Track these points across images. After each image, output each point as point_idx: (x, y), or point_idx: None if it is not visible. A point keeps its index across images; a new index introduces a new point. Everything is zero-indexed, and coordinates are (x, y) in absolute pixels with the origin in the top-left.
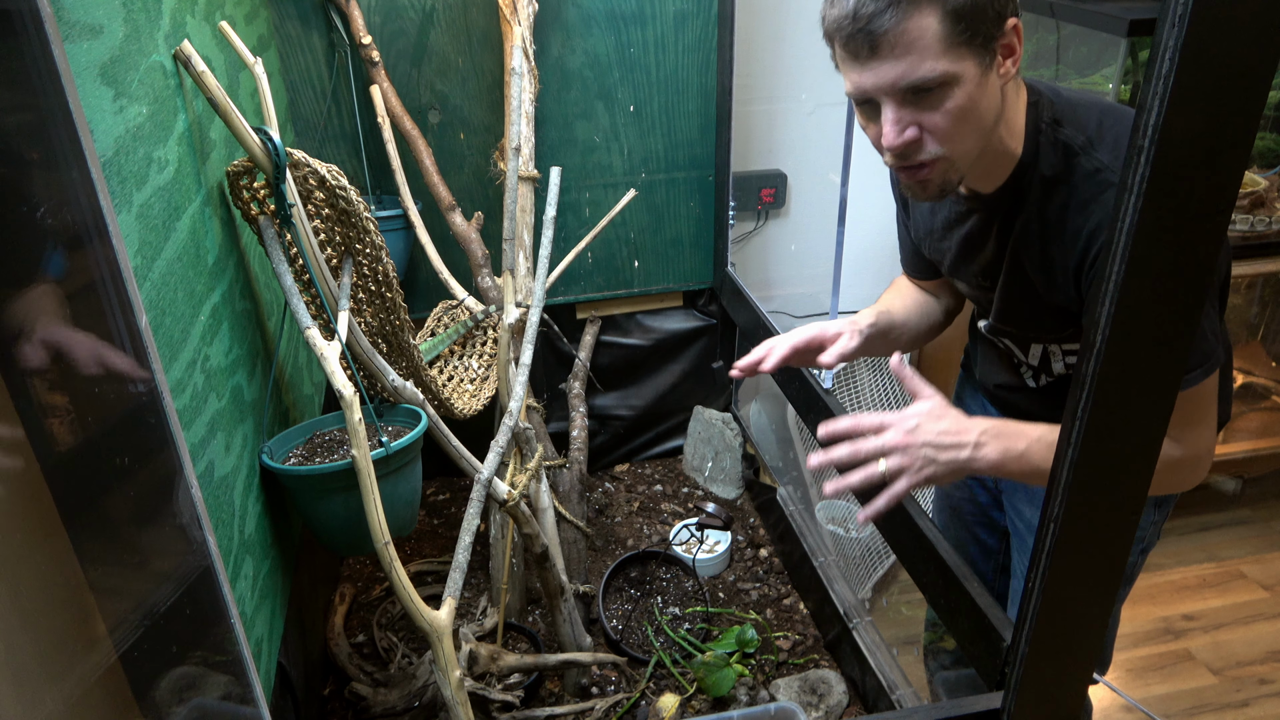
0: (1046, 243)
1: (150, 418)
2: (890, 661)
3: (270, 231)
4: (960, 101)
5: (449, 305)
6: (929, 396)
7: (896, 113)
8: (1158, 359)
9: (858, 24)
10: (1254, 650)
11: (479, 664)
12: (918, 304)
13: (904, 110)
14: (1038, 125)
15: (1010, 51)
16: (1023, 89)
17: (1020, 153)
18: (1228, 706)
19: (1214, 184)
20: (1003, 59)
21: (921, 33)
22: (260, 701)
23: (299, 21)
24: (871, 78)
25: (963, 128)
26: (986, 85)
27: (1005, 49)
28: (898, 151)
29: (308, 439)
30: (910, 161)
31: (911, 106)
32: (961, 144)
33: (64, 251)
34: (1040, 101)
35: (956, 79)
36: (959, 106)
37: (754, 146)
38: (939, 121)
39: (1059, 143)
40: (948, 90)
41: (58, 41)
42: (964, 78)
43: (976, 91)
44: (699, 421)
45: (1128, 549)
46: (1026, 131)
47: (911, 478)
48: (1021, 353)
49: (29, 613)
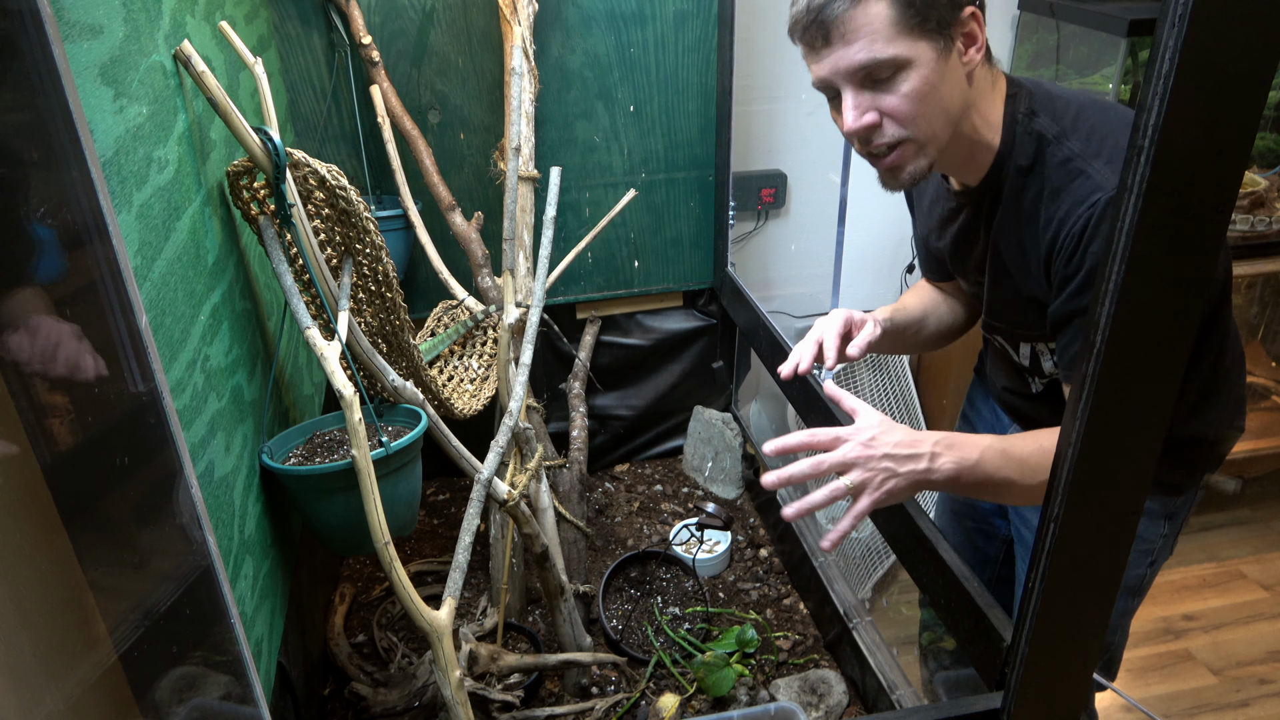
0: (1020, 234)
1: (150, 418)
2: (890, 661)
3: (270, 231)
4: (916, 84)
5: (449, 305)
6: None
7: (855, 98)
8: (1158, 359)
9: (811, 15)
10: (1254, 650)
11: (479, 664)
12: (935, 304)
13: (862, 95)
14: (1014, 116)
15: (972, 39)
16: (1000, 81)
17: (998, 144)
18: (1228, 706)
19: (1214, 184)
20: (964, 47)
21: (871, 18)
22: (260, 701)
23: (299, 21)
24: (828, 65)
25: (923, 110)
26: (946, 70)
27: (966, 37)
28: (859, 136)
29: (308, 439)
30: (874, 148)
31: (869, 91)
32: (924, 126)
33: (64, 251)
34: (1019, 94)
35: (909, 62)
36: (914, 89)
37: (754, 146)
38: (896, 104)
39: (1032, 132)
40: (902, 73)
41: (58, 41)
42: (918, 61)
43: (933, 75)
44: (699, 421)
45: (1128, 548)
46: (1004, 123)
47: (873, 493)
48: (1014, 351)
49: (29, 613)
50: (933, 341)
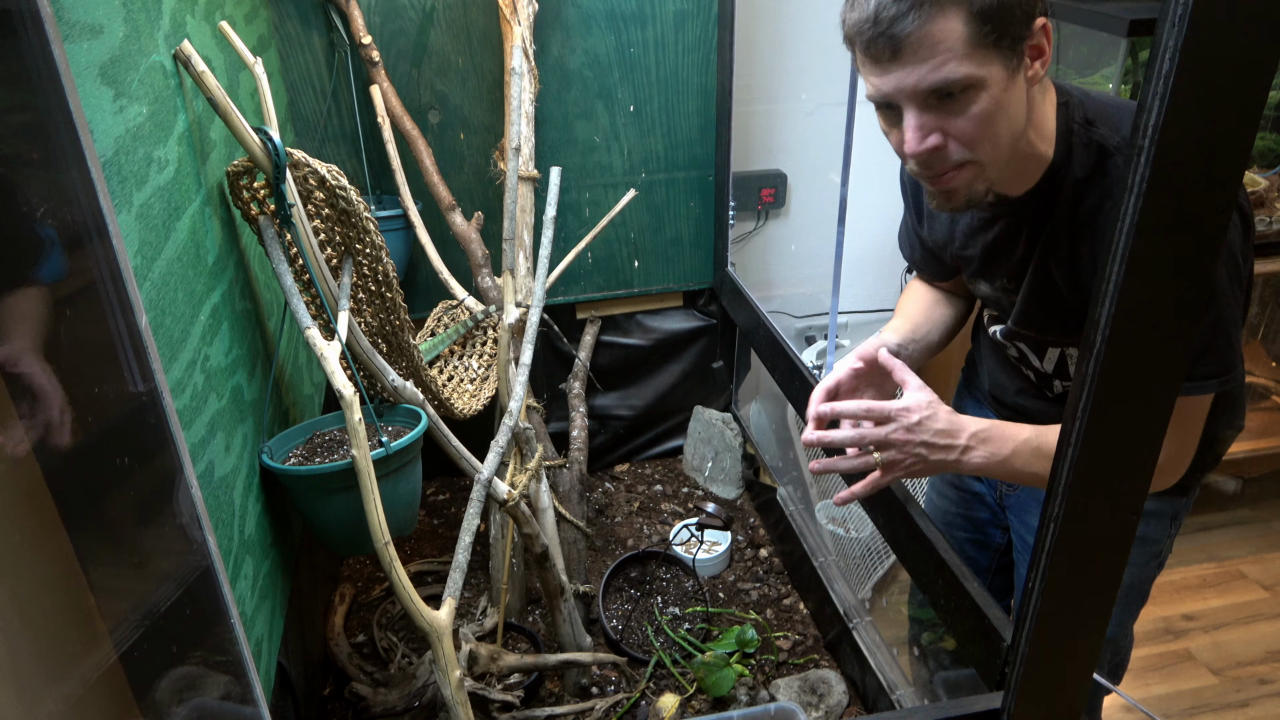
0: (1076, 243)
1: (150, 418)
2: (890, 661)
3: (270, 231)
4: (986, 106)
5: (449, 305)
6: (918, 388)
7: (919, 118)
8: (1158, 359)
9: (879, 27)
10: (1254, 650)
11: (479, 664)
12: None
13: (926, 115)
14: (1069, 126)
15: (1039, 53)
16: (1051, 90)
17: (1051, 155)
18: (1228, 706)
19: (1214, 184)
20: (1031, 60)
21: (945, 35)
22: (260, 701)
23: (299, 21)
24: (892, 82)
25: (990, 132)
26: (1014, 88)
27: (1034, 50)
28: (921, 159)
29: (308, 439)
30: (935, 170)
31: (934, 112)
32: (990, 150)
33: (64, 251)
34: (1070, 102)
35: (982, 82)
36: (984, 111)
37: (754, 146)
38: (964, 127)
39: (1093, 143)
40: (973, 95)
41: (58, 41)
42: (990, 81)
43: (1004, 95)
44: (699, 421)
45: (1128, 549)
46: (1058, 133)
47: (898, 473)
48: (1037, 357)
49: (29, 613)
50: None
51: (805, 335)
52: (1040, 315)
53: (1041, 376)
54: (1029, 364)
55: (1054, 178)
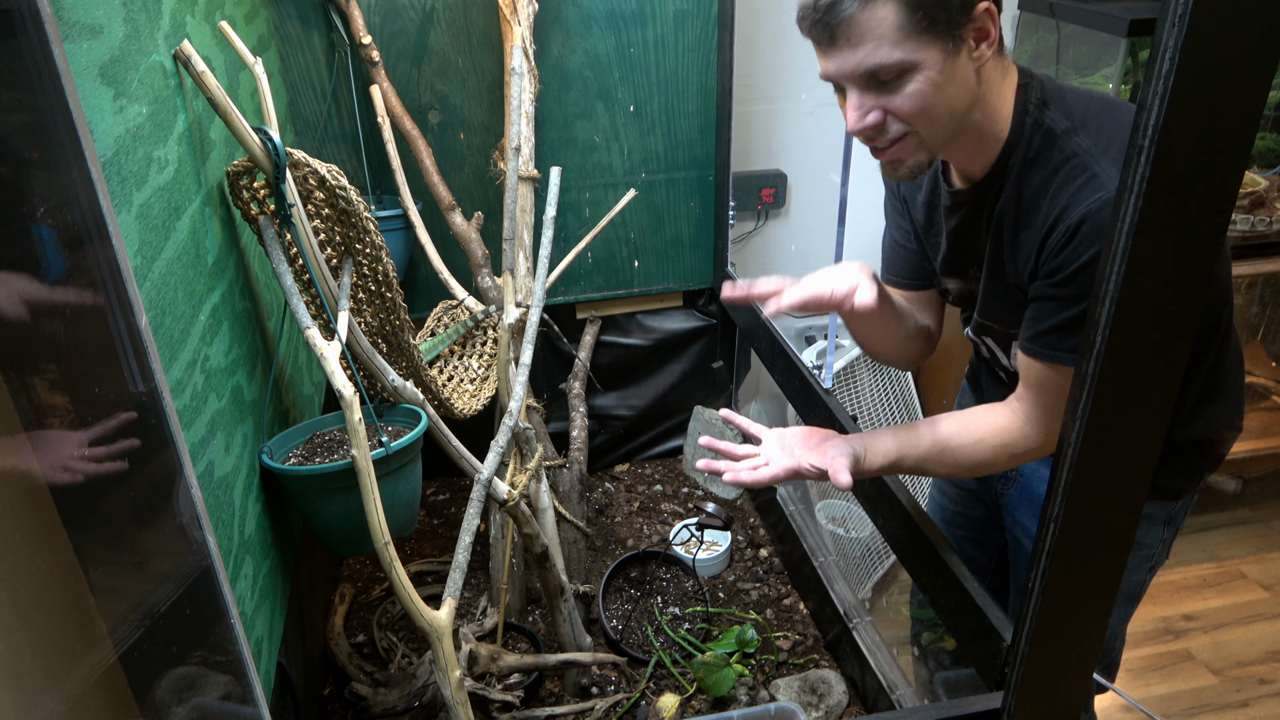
0: (1019, 227)
1: (150, 418)
2: (890, 661)
3: (270, 231)
4: (921, 86)
5: (449, 305)
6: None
7: (859, 98)
8: (1158, 359)
9: (818, 13)
10: (1254, 650)
11: (479, 664)
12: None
13: (866, 96)
14: (1025, 107)
15: (984, 35)
16: (1012, 71)
17: (1006, 135)
18: (1228, 706)
19: (1214, 184)
20: (974, 43)
21: (878, 22)
22: (260, 701)
23: (299, 21)
24: (834, 65)
25: (927, 111)
26: (954, 70)
27: (977, 33)
28: (862, 136)
29: (308, 439)
30: (877, 143)
31: (874, 92)
32: (927, 125)
33: (64, 251)
34: (1030, 84)
35: (916, 65)
36: (919, 91)
37: (754, 146)
38: (901, 105)
39: (1042, 124)
40: (907, 76)
41: (58, 41)
42: (924, 64)
43: (940, 77)
44: (699, 421)
45: (1127, 549)
46: (1014, 114)
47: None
48: (1004, 354)
49: (29, 613)
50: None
51: (805, 335)
52: (996, 304)
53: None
54: (999, 362)
55: (1007, 157)
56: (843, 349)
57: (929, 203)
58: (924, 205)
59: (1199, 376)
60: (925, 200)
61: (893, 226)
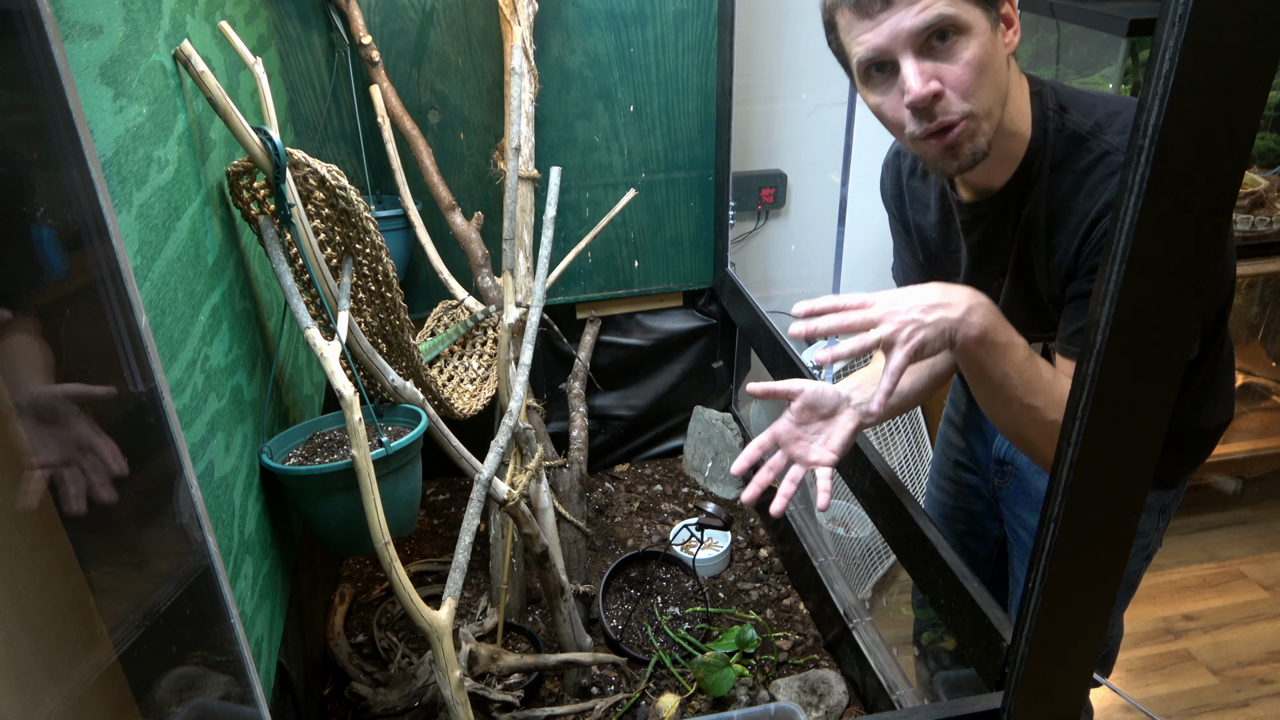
0: (1052, 232)
1: (150, 418)
2: (890, 661)
3: (270, 231)
4: (977, 52)
5: (449, 305)
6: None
7: (918, 64)
8: (1157, 359)
9: None
10: (1254, 650)
11: (479, 664)
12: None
13: (924, 62)
14: (1044, 113)
15: (1010, 22)
16: (1024, 78)
17: (1028, 139)
18: (1228, 706)
19: (1214, 184)
20: (1005, 27)
21: None
22: (260, 701)
23: (299, 21)
24: (887, 30)
25: (983, 81)
26: (996, 46)
27: (1005, 18)
28: (923, 105)
29: (308, 439)
30: (935, 123)
31: (931, 58)
32: (985, 99)
33: (64, 251)
34: (1044, 91)
35: (970, 27)
36: (976, 58)
37: (754, 146)
38: (959, 73)
39: (1065, 128)
40: (964, 40)
41: (58, 41)
42: (977, 28)
43: (990, 45)
44: (699, 421)
45: (1128, 548)
46: (1033, 120)
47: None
48: None
49: (29, 613)
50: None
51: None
52: (1019, 309)
53: None
54: None
55: (1031, 163)
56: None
57: (942, 221)
58: (937, 225)
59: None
60: (937, 220)
61: (904, 251)
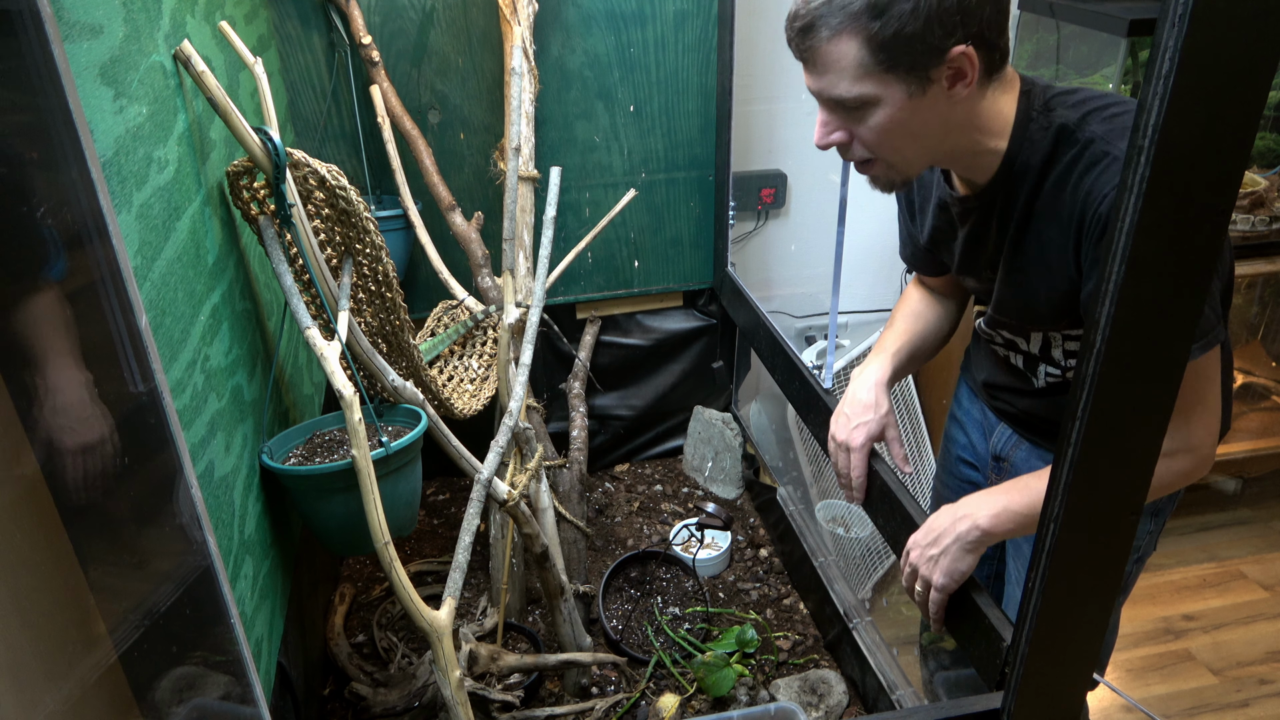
0: (1040, 225)
1: (150, 418)
2: (890, 661)
3: (270, 231)
4: (882, 121)
5: (449, 305)
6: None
7: (824, 116)
8: (1158, 359)
9: (791, 34)
10: (1254, 650)
11: (479, 664)
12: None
13: (832, 116)
14: (1029, 114)
15: (960, 76)
16: (1015, 84)
17: (1005, 147)
18: (1228, 706)
19: (1214, 184)
20: (949, 83)
21: (841, 56)
22: (260, 701)
23: (299, 21)
24: (808, 80)
25: (890, 143)
26: (920, 106)
27: (952, 75)
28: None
29: (308, 439)
30: (846, 160)
31: (840, 115)
32: (891, 154)
33: (64, 251)
34: (1032, 91)
35: (876, 100)
36: (881, 125)
37: (754, 146)
38: (864, 134)
39: (1050, 126)
40: (869, 109)
41: (58, 41)
42: (885, 100)
43: (902, 114)
44: (699, 421)
45: (1128, 549)
46: (1016, 121)
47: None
48: (1023, 340)
49: (29, 613)
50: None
51: (805, 335)
52: (1016, 303)
53: (1029, 359)
54: (1016, 348)
55: (1011, 165)
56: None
57: (940, 208)
58: (935, 211)
59: None
60: (936, 207)
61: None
